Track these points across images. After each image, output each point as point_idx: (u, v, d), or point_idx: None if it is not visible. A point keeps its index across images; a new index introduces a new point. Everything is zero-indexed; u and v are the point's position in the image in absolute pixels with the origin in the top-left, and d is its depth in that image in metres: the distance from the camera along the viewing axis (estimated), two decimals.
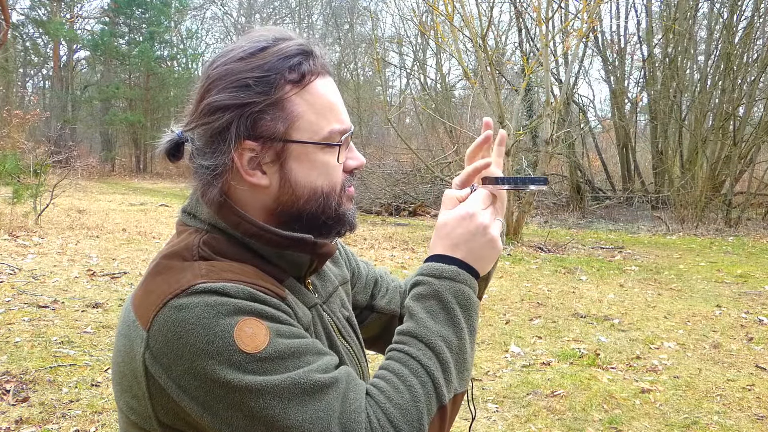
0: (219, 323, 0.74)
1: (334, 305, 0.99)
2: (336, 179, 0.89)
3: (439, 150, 17.29)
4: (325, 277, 1.02)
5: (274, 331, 0.76)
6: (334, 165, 0.88)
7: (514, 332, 5.13)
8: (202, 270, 0.79)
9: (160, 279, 0.81)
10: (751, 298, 6.51)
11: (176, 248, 0.86)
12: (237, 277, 0.79)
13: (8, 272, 6.27)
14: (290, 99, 0.84)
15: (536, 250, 9.58)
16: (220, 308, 0.74)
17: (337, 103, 0.89)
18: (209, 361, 0.73)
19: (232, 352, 0.73)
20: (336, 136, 0.87)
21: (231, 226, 0.86)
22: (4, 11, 8.80)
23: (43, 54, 30.90)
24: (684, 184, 13.93)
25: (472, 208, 0.90)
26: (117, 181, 24.29)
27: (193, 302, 0.75)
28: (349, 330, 1.00)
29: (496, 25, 16.20)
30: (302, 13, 32.33)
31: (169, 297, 0.76)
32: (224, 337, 0.73)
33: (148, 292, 0.80)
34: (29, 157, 12.03)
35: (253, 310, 0.76)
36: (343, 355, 0.93)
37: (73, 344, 4.32)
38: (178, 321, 0.74)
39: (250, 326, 0.74)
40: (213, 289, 0.76)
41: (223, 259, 0.84)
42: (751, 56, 14.68)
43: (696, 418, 3.53)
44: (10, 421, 3.14)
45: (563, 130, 12.22)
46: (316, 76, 0.87)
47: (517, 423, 3.44)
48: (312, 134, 0.86)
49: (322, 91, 0.87)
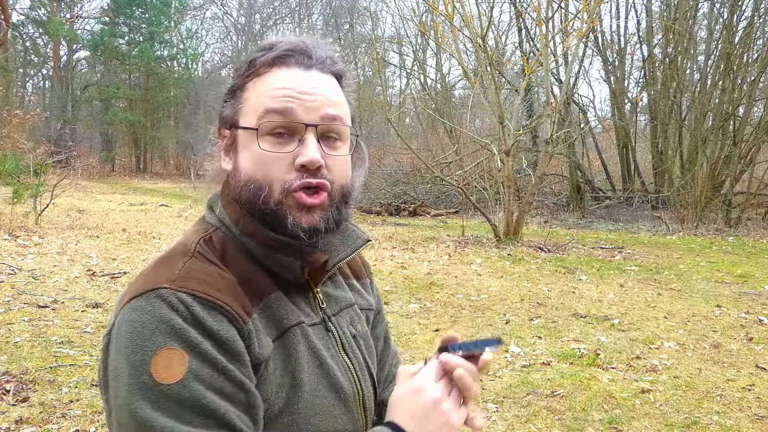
0: (150, 339, 0.75)
1: (343, 320, 0.98)
2: (272, 170, 0.85)
3: (439, 150, 17.30)
4: (341, 291, 1.01)
5: (194, 373, 0.75)
6: (259, 152, 0.85)
7: (514, 332, 5.13)
8: (175, 273, 0.81)
9: (149, 270, 0.85)
10: (751, 298, 6.51)
11: (180, 241, 0.91)
12: (204, 290, 0.79)
13: (8, 272, 6.27)
14: (245, 87, 0.88)
15: (536, 250, 9.58)
16: (160, 325, 0.76)
17: (291, 89, 0.85)
18: (127, 368, 0.76)
19: (142, 372, 0.74)
20: (270, 116, 0.85)
21: (233, 222, 0.89)
22: (4, 11, 8.80)
23: (43, 54, 30.90)
24: (684, 184, 13.93)
25: (421, 382, 0.86)
26: (117, 181, 24.28)
27: (144, 307, 0.77)
28: (354, 347, 0.97)
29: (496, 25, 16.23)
30: (302, 13, 32.34)
31: (136, 293, 0.80)
32: (145, 354, 0.75)
33: (138, 278, 0.84)
34: (29, 157, 12.03)
35: (188, 340, 0.76)
36: (342, 370, 0.92)
37: (73, 344, 4.32)
38: (127, 320, 0.78)
39: (172, 356, 0.75)
40: (168, 300, 0.77)
41: (213, 261, 0.85)
42: (751, 56, 14.68)
43: (696, 418, 3.53)
44: (10, 421, 3.14)
45: (563, 130, 12.21)
46: (270, 66, 0.87)
47: (517, 423, 3.44)
48: (250, 118, 0.87)
49: (274, 78, 0.87)
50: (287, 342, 0.86)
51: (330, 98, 0.88)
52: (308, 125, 0.85)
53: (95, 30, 30.55)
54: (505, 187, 10.35)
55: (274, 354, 0.84)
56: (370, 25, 26.72)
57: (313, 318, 0.92)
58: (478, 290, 6.66)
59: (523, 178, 13.79)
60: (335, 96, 0.89)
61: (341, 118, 0.89)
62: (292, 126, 0.85)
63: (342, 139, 0.89)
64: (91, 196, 16.09)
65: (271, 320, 0.86)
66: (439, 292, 6.51)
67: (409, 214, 15.46)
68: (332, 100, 0.88)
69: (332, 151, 0.88)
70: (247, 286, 0.85)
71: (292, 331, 0.87)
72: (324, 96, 0.87)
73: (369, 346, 1.03)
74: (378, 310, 1.13)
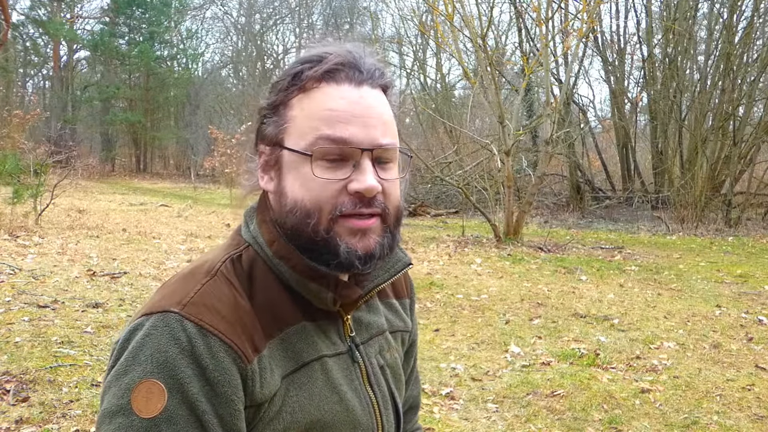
0: (142, 365, 0.75)
1: (371, 349, 0.94)
2: (319, 196, 0.81)
3: (439, 150, 17.29)
4: (375, 316, 0.97)
5: (169, 413, 0.73)
6: (311, 177, 0.81)
7: (514, 332, 5.13)
8: (190, 295, 0.79)
9: (172, 283, 0.84)
10: (751, 298, 6.51)
11: (209, 257, 0.88)
12: (212, 323, 0.77)
13: (8, 272, 6.27)
14: (289, 103, 0.83)
15: (536, 250, 9.58)
16: (155, 353, 0.75)
17: (342, 110, 0.81)
18: (115, 385, 0.76)
19: (122, 396, 0.74)
20: (323, 143, 0.80)
21: (267, 242, 0.85)
22: (4, 11, 8.80)
23: (43, 54, 30.91)
24: (684, 184, 13.92)
25: None
26: (117, 181, 24.29)
27: (149, 330, 0.77)
28: (380, 378, 0.94)
29: (496, 25, 16.23)
30: (302, 13, 32.33)
31: (146, 312, 0.79)
32: (132, 379, 0.75)
33: (159, 291, 0.84)
34: (29, 157, 12.02)
35: (176, 376, 0.74)
36: (364, 403, 0.90)
37: (73, 344, 4.32)
38: (129, 338, 0.78)
39: (154, 390, 0.74)
40: (171, 327, 0.76)
41: (234, 284, 0.82)
42: (751, 56, 14.68)
43: (696, 418, 3.53)
44: (10, 421, 3.14)
45: (563, 130, 12.22)
46: (319, 82, 0.82)
47: (517, 423, 3.44)
48: (298, 140, 0.82)
49: (323, 96, 0.81)
50: (303, 377, 0.84)
51: (383, 118, 0.84)
52: (363, 150, 0.81)
53: (95, 30, 30.58)
54: (505, 187, 10.35)
55: (286, 389, 0.82)
56: (370, 25, 26.73)
57: (339, 347, 0.89)
58: (478, 290, 6.66)
59: (523, 178, 13.79)
60: (387, 115, 0.85)
61: (394, 141, 0.85)
62: (347, 151, 0.81)
63: (393, 160, 0.85)
64: (91, 196, 16.09)
65: (290, 352, 0.83)
66: (439, 292, 6.51)
67: (409, 214, 15.46)
68: (385, 121, 0.84)
69: (386, 174, 0.84)
70: (268, 315, 0.82)
71: (311, 366, 0.85)
72: (377, 117, 0.83)
73: (397, 374, 0.99)
74: (413, 339, 1.09)
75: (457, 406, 3.65)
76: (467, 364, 4.35)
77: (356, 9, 28.68)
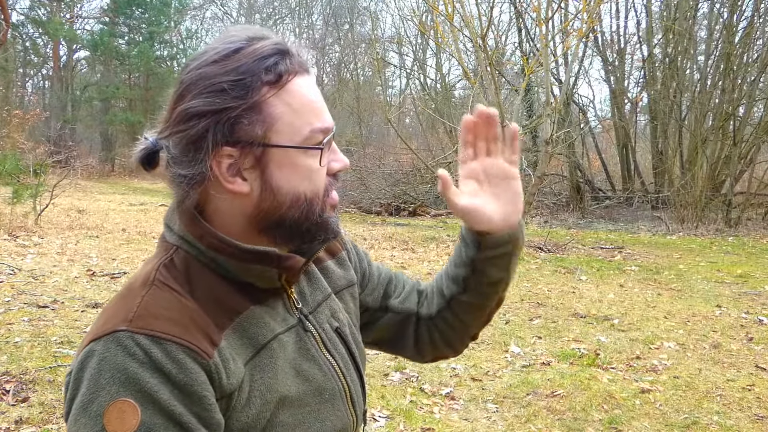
0: (105, 389, 0.73)
1: (322, 316, 0.96)
2: (319, 184, 0.85)
3: (439, 150, 17.29)
4: (315, 284, 0.99)
5: (146, 426, 0.73)
6: (316, 168, 0.85)
7: (514, 332, 5.13)
8: (133, 310, 0.78)
9: (111, 306, 0.82)
10: (751, 298, 6.50)
11: (142, 271, 0.86)
12: (163, 329, 0.76)
13: (8, 272, 6.27)
14: (268, 101, 0.81)
15: (536, 250, 9.58)
16: (116, 374, 0.74)
17: (317, 101, 0.85)
18: (84, 418, 0.74)
19: (94, 424, 0.73)
20: (317, 135, 0.84)
21: (197, 238, 0.84)
22: (4, 11, 8.80)
23: (43, 54, 30.90)
24: (684, 184, 13.92)
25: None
26: (117, 181, 24.29)
27: (102, 354, 0.75)
28: (336, 342, 0.95)
29: (496, 25, 16.22)
30: (302, 13, 32.33)
31: (95, 336, 0.77)
32: (100, 406, 0.73)
33: (100, 316, 0.82)
34: (29, 157, 12.03)
35: (143, 389, 0.74)
36: (325, 369, 0.91)
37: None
38: (83, 367, 0.76)
39: (125, 409, 0.73)
40: (124, 345, 0.75)
41: (174, 288, 0.82)
42: (751, 56, 14.68)
43: (696, 418, 3.53)
44: (10, 421, 3.14)
45: (563, 130, 12.22)
46: (294, 75, 0.83)
47: (517, 423, 3.44)
48: (292, 136, 0.82)
49: (301, 90, 0.84)
50: (264, 359, 0.84)
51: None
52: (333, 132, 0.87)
53: (95, 30, 30.55)
54: None
55: (251, 375, 0.82)
56: (370, 25, 26.69)
57: (289, 321, 0.90)
58: None
59: (523, 178, 13.77)
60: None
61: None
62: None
63: None
64: (90, 196, 16.08)
65: (246, 339, 0.83)
66: None
67: (409, 214, 15.46)
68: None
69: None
70: (215, 307, 0.82)
71: (269, 346, 0.85)
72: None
73: (353, 333, 1.01)
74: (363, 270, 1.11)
75: (457, 406, 3.65)
76: (467, 364, 4.35)
77: (356, 9, 28.67)
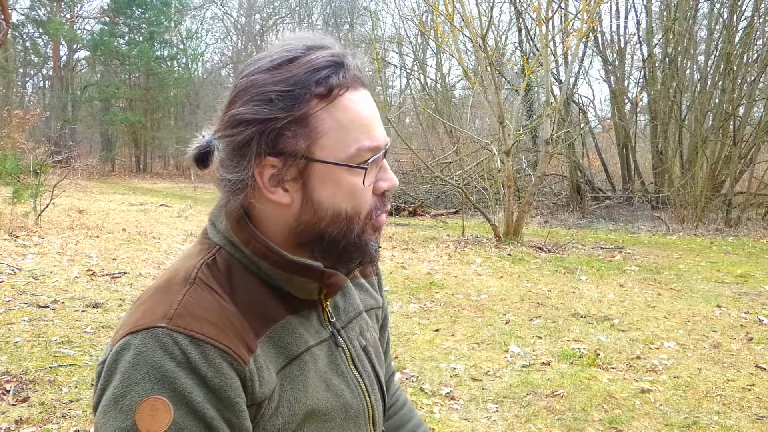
0: (139, 384, 0.73)
1: (352, 332, 0.96)
2: (362, 203, 0.83)
3: (439, 150, 17.30)
4: (349, 299, 0.98)
5: (178, 426, 0.72)
6: (360, 188, 0.82)
7: (514, 332, 5.13)
8: (173, 307, 0.77)
9: (148, 298, 0.81)
10: (751, 298, 6.50)
11: (182, 265, 0.85)
12: (203, 331, 0.76)
13: (8, 272, 6.27)
14: (315, 114, 0.79)
15: (536, 250, 9.58)
16: (152, 370, 0.73)
17: (369, 117, 0.82)
18: (114, 410, 0.73)
19: (127, 417, 0.72)
20: (365, 154, 0.81)
21: (243, 242, 0.84)
22: (4, 11, 8.80)
23: (43, 54, 30.91)
24: (684, 184, 13.92)
25: None
26: (117, 181, 24.29)
27: (139, 348, 0.75)
28: (363, 360, 0.95)
29: (496, 25, 16.21)
30: (302, 13, 32.33)
31: (131, 330, 0.77)
32: (132, 400, 0.73)
33: (137, 307, 0.81)
34: (29, 157, 12.03)
35: (178, 389, 0.73)
36: (352, 386, 0.91)
37: (73, 344, 4.32)
38: (118, 359, 0.75)
39: (158, 406, 0.72)
40: (162, 342, 0.74)
41: (215, 289, 0.81)
42: (751, 56, 14.66)
43: (696, 418, 3.53)
44: (10, 421, 3.14)
45: (563, 130, 12.22)
46: (345, 90, 0.80)
47: (517, 423, 3.44)
48: (338, 152, 0.80)
49: (353, 105, 0.81)
50: (296, 370, 0.84)
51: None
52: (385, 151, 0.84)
53: (95, 30, 30.57)
54: (505, 187, 10.35)
55: (281, 385, 0.82)
56: (370, 25, 26.72)
57: (322, 334, 0.90)
58: (478, 290, 6.66)
59: (523, 178, 13.80)
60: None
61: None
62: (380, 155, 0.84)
63: None
64: (91, 196, 16.08)
65: (279, 348, 0.83)
66: (439, 292, 6.51)
67: (409, 214, 15.46)
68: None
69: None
70: (253, 314, 0.82)
71: (301, 358, 0.85)
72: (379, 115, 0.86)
73: (378, 353, 1.00)
74: (385, 314, 1.11)
75: (457, 406, 3.65)
76: (467, 364, 4.35)
77: (356, 9, 28.68)
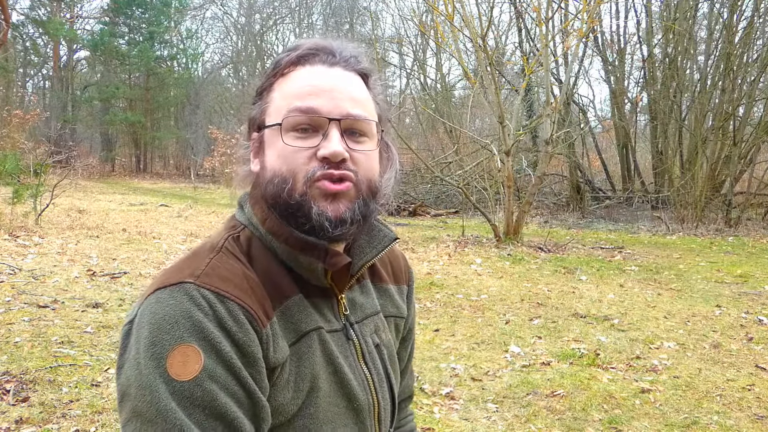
0: (170, 333, 0.75)
1: (366, 329, 0.96)
2: (295, 165, 0.85)
3: (439, 150, 17.30)
4: (368, 297, 1.00)
5: (208, 372, 0.75)
6: (290, 149, 0.85)
7: (514, 332, 5.13)
8: (201, 268, 0.82)
9: (176, 264, 0.86)
10: (751, 298, 6.50)
11: (208, 241, 0.91)
12: (228, 289, 0.80)
13: (8, 272, 6.27)
14: (271, 87, 0.90)
15: (536, 250, 9.58)
16: (181, 319, 0.76)
17: (312, 86, 0.86)
18: (146, 359, 0.75)
19: (157, 365, 0.74)
20: (294, 114, 0.86)
21: (260, 221, 0.90)
22: (4, 11, 8.80)
23: (43, 54, 30.91)
24: (684, 184, 13.92)
25: None
26: (117, 181, 24.29)
27: (168, 300, 0.78)
28: (375, 357, 0.96)
29: (496, 25, 16.23)
30: (302, 13, 32.32)
31: (161, 285, 0.80)
32: (163, 348, 0.75)
33: (164, 271, 0.85)
34: (29, 157, 12.05)
35: (207, 338, 0.76)
36: (359, 380, 0.91)
37: (73, 344, 4.32)
38: (150, 311, 0.78)
39: (189, 353, 0.75)
40: (191, 295, 0.78)
41: (240, 259, 0.86)
42: (751, 56, 14.67)
43: (696, 418, 3.53)
44: (10, 421, 3.14)
45: (563, 130, 12.21)
46: (303, 65, 0.89)
47: (517, 423, 3.44)
48: (276, 117, 0.88)
49: (299, 76, 0.88)
50: (304, 347, 0.86)
51: (352, 94, 0.88)
52: (331, 120, 0.85)
53: (95, 30, 30.58)
54: (505, 187, 10.35)
55: (291, 358, 0.84)
56: (370, 25, 26.73)
57: (333, 324, 0.91)
58: (478, 290, 6.66)
59: (523, 178, 13.81)
60: (358, 93, 0.89)
61: (364, 114, 0.88)
62: (316, 121, 0.85)
63: (368, 135, 0.89)
64: (91, 196, 16.08)
65: (290, 323, 0.86)
66: (439, 292, 6.51)
67: (409, 214, 15.46)
68: (354, 97, 0.88)
69: (357, 146, 0.87)
70: (269, 287, 0.85)
71: (310, 335, 0.87)
72: (346, 91, 0.88)
73: (392, 355, 1.01)
74: (410, 327, 1.11)
75: (457, 406, 3.65)
76: (467, 364, 4.35)
77: (356, 9, 28.67)
